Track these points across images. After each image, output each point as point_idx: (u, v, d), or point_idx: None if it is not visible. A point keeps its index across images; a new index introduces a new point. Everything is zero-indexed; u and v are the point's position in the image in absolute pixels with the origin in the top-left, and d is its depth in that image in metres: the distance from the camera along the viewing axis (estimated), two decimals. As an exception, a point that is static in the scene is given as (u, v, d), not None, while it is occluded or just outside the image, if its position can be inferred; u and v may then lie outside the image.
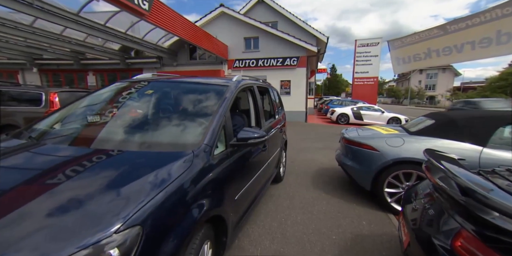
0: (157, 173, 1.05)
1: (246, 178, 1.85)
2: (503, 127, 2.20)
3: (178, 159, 1.17)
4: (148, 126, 1.65)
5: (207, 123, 1.49)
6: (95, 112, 1.81)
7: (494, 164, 2.07)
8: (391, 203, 2.55)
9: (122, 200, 0.88)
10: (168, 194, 0.97)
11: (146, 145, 1.37)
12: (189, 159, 1.20)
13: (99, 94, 1.99)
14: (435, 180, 1.22)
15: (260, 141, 1.60)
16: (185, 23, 8.16)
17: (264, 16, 13.38)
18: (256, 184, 2.13)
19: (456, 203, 0.98)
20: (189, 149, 1.27)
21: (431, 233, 1.02)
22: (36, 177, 1.02)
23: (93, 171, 1.07)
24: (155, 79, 2.09)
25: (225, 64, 12.81)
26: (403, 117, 10.75)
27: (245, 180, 1.82)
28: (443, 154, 1.58)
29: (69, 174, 1.02)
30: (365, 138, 2.80)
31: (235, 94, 1.86)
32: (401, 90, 50.90)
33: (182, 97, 1.89)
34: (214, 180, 1.32)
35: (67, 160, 1.17)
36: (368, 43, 14.29)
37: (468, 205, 0.88)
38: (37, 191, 0.91)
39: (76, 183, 0.97)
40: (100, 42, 8.87)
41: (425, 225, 1.18)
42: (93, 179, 1.00)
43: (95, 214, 0.81)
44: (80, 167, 1.08)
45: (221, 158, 1.47)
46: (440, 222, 1.04)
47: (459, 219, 0.93)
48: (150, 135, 1.52)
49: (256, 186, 2.15)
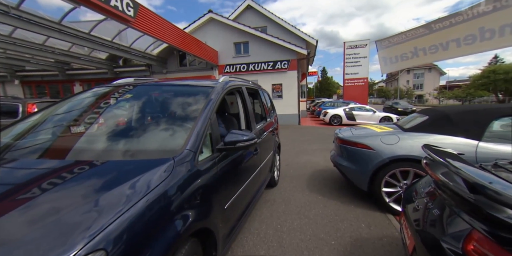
0: (130, 186, 0.92)
1: (237, 184, 1.73)
2: (496, 120, 2.16)
3: (156, 168, 1.05)
4: (128, 133, 1.51)
5: (190, 127, 1.38)
6: (70, 121, 1.66)
7: (491, 158, 2.00)
8: (389, 203, 2.46)
9: (86, 220, 0.74)
10: (141, 209, 0.84)
11: (125, 154, 1.24)
12: (169, 167, 1.07)
13: (75, 101, 1.85)
14: (437, 176, 1.13)
15: (249, 144, 1.49)
16: (174, 30, 8.09)
17: (253, 22, 13.49)
18: (249, 191, 2.00)
19: (463, 201, 0.89)
20: (170, 156, 1.15)
21: (439, 235, 0.93)
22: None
23: (61, 186, 0.93)
24: (136, 83, 1.96)
25: (216, 69, 12.77)
26: (395, 116, 10.86)
27: (236, 187, 1.70)
28: (443, 150, 1.50)
29: (34, 191, 0.89)
30: (359, 137, 2.73)
31: (222, 96, 1.76)
32: (390, 90, 51.98)
33: (164, 101, 1.77)
34: (199, 188, 1.20)
35: (34, 175, 1.03)
36: (356, 45, 14.56)
37: (478, 203, 0.79)
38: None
39: (38, 201, 0.83)
40: (86, 51, 8.70)
41: (430, 227, 1.08)
42: (57, 195, 0.87)
43: (51, 237, 0.68)
44: (47, 182, 0.95)
45: (207, 164, 1.35)
46: (447, 222, 0.95)
47: (468, 218, 0.83)
48: (130, 143, 1.39)
49: (249, 193, 2.03)
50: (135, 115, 1.67)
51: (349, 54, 14.69)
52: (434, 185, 1.28)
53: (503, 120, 2.15)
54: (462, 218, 0.86)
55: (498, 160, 2.03)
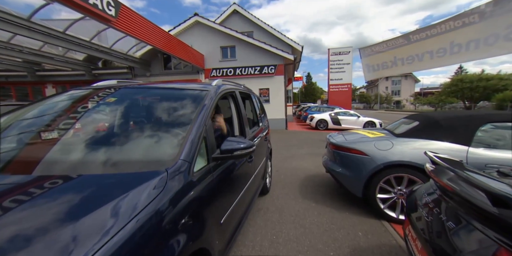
0: (113, 208, 0.76)
1: (233, 195, 1.60)
2: (483, 126, 2.23)
3: (145, 183, 0.90)
4: (111, 141, 1.32)
5: (184, 135, 1.24)
6: (40, 127, 1.44)
7: (480, 163, 2.07)
8: (384, 210, 2.44)
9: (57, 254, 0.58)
10: (126, 237, 0.69)
11: (108, 166, 1.07)
12: (160, 181, 0.93)
13: (47, 104, 1.63)
14: (451, 186, 1.09)
15: (247, 152, 1.38)
16: (158, 31, 7.83)
17: (239, 26, 13.51)
18: (244, 201, 1.88)
19: (485, 215, 0.84)
20: (162, 168, 1.00)
21: (457, 252, 0.86)
22: None
23: (24, 210, 0.75)
24: (119, 86, 1.77)
25: (202, 73, 12.55)
26: (377, 121, 11.26)
27: (232, 198, 1.57)
28: (445, 157, 1.49)
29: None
30: (353, 143, 2.71)
31: (216, 100, 1.64)
32: (371, 96, 54.48)
33: (153, 106, 1.59)
34: (194, 204, 1.06)
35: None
36: (340, 52, 15.07)
37: (507, 219, 0.74)
38: None
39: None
40: (61, 51, 8.11)
41: (445, 241, 1.02)
42: (20, 222, 0.69)
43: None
44: (8, 204, 0.76)
45: (203, 175, 1.21)
46: (466, 237, 0.89)
47: (493, 235, 0.78)
48: (113, 153, 1.20)
49: (244, 203, 1.90)
50: (120, 121, 1.48)
51: (333, 60, 15.16)
52: (442, 194, 1.24)
53: (489, 126, 2.22)
54: (485, 234, 0.81)
55: (488, 165, 2.09)
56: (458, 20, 8.56)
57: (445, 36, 8.91)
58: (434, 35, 9.23)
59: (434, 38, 9.22)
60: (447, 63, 9.28)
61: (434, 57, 9.35)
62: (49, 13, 14.85)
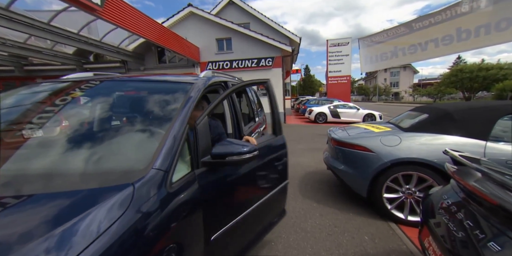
0: (59, 238, 0.56)
1: (232, 211, 1.31)
2: (502, 119, 2.03)
3: (103, 202, 0.68)
4: (69, 148, 1.07)
5: (161, 136, 1.02)
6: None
7: (500, 160, 1.88)
8: (391, 210, 2.27)
9: None
10: None
11: (60, 181, 0.85)
12: (124, 199, 0.71)
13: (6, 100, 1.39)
14: (484, 193, 0.92)
15: (244, 159, 1.11)
16: (150, 23, 7.46)
17: (235, 17, 13.04)
18: (250, 221, 1.46)
19: None
20: (128, 181, 0.79)
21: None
22: None
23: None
24: (94, 78, 1.52)
25: (198, 66, 12.20)
26: (377, 113, 11.06)
27: (232, 212, 1.30)
28: (469, 156, 1.29)
29: None
30: (356, 138, 2.51)
31: (202, 93, 1.41)
32: (369, 87, 54.07)
33: (127, 102, 1.35)
34: (172, 220, 0.86)
35: None
36: (339, 43, 14.67)
37: None
38: None
39: None
40: (49, 44, 7.74)
41: (474, 253, 0.85)
42: None
43: None
44: None
45: (185, 184, 1.00)
46: (503, 252, 0.71)
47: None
48: (70, 163, 0.98)
49: (250, 224, 1.49)
50: (85, 121, 1.23)
51: (332, 52, 14.78)
52: (469, 199, 1.06)
53: (509, 118, 2.02)
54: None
55: (508, 162, 1.90)
56: (465, 5, 8.20)
57: (451, 23, 8.58)
58: (438, 22, 8.90)
59: (439, 25, 8.89)
60: (454, 51, 8.97)
61: (440, 45, 9.05)
62: (36, 5, 13.94)
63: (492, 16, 7.46)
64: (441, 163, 2.03)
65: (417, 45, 9.62)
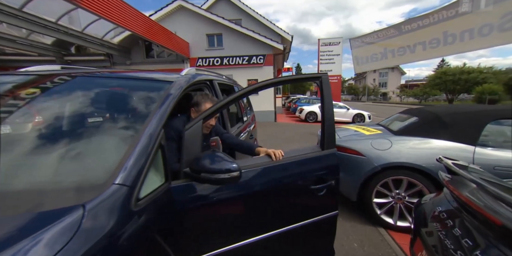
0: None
1: (226, 238, 1.09)
2: (491, 123, 2.01)
3: (35, 237, 0.53)
4: (13, 160, 0.84)
5: (128, 144, 0.87)
6: None
7: (488, 165, 1.86)
8: (380, 215, 2.23)
9: None
10: None
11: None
12: (66, 229, 0.56)
13: None
14: (480, 207, 0.89)
15: (223, 178, 0.92)
16: (136, 15, 7.10)
17: (227, 13, 12.73)
18: None
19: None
20: (78, 201, 0.65)
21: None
22: None
23: None
24: (55, 73, 1.33)
25: (187, 62, 11.86)
26: (366, 113, 11.22)
27: (222, 242, 1.07)
28: (464, 164, 1.24)
29: None
30: (347, 141, 2.44)
31: (183, 93, 1.26)
32: (359, 87, 55.14)
33: (92, 102, 1.17)
34: (137, 243, 0.72)
35: None
36: (330, 42, 14.71)
37: None
38: None
39: None
40: (24, 33, 7.18)
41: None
42: None
43: None
44: None
45: (156, 200, 0.85)
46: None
47: None
48: (9, 178, 0.77)
49: None
50: (39, 125, 1.04)
51: (323, 51, 14.81)
52: (464, 211, 1.00)
53: (498, 123, 2.01)
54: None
55: (496, 167, 1.89)
56: (451, 10, 8.43)
57: (438, 26, 8.81)
58: (426, 25, 9.12)
59: (426, 29, 9.11)
60: (441, 55, 9.23)
61: (427, 48, 9.28)
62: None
63: (475, 22, 7.72)
64: (430, 168, 2.00)
65: (406, 48, 9.81)
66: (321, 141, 1.30)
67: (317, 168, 1.25)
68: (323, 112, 1.28)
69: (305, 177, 1.23)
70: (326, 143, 1.27)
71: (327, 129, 1.27)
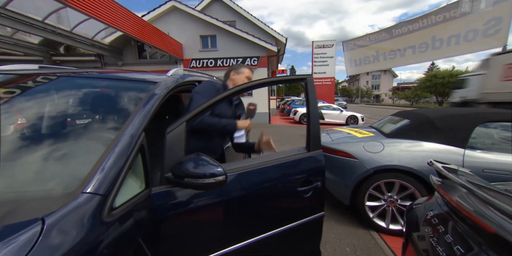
0: None
1: (211, 246, 1.03)
2: (479, 126, 2.03)
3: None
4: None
5: (105, 146, 0.81)
6: None
7: (478, 168, 1.86)
8: (373, 219, 2.21)
9: None
10: None
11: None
12: (18, 248, 0.49)
13: None
14: (470, 213, 0.88)
15: (207, 184, 0.86)
16: (127, 15, 6.99)
17: (221, 15, 12.71)
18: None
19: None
20: (38, 213, 0.58)
21: None
22: None
23: None
24: (32, 73, 1.25)
25: (181, 64, 11.75)
26: (359, 115, 11.33)
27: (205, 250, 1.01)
28: (455, 168, 1.22)
29: None
30: (339, 144, 2.42)
31: (168, 94, 1.20)
32: (352, 89, 55.90)
33: (68, 103, 1.10)
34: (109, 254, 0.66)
35: None
36: (324, 45, 14.84)
37: None
38: None
39: None
40: (9, 32, 6.96)
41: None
42: None
43: None
44: None
45: (134, 208, 0.79)
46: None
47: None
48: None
49: None
50: (7, 128, 0.98)
51: (317, 53, 14.92)
52: (455, 217, 0.98)
53: (486, 125, 2.02)
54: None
55: (485, 170, 1.90)
56: (439, 14, 8.68)
57: (427, 31, 9.07)
58: (416, 29, 9.36)
59: (416, 33, 9.37)
60: (429, 59, 9.51)
61: (417, 52, 9.54)
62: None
63: (462, 27, 8.00)
64: (422, 171, 1.99)
65: (396, 51, 10.04)
66: (306, 143, 1.28)
67: (304, 170, 1.23)
68: (308, 113, 1.26)
69: (292, 179, 1.21)
70: (312, 144, 1.25)
71: (312, 130, 1.25)
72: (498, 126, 2.04)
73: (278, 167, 1.17)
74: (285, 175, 1.20)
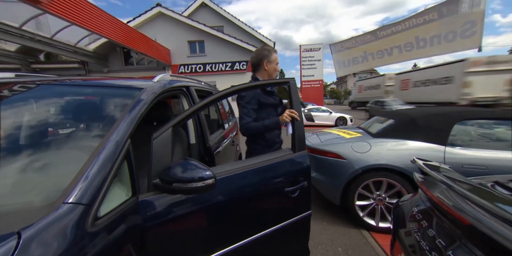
0: None
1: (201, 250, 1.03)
2: (458, 124, 2.13)
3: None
4: None
5: (88, 154, 0.79)
6: None
7: (457, 163, 1.95)
8: (363, 218, 2.25)
9: None
10: None
11: None
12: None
13: None
14: (452, 210, 0.90)
15: (195, 188, 0.86)
16: (111, 21, 6.89)
17: (208, 20, 12.79)
18: None
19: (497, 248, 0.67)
20: (14, 227, 0.56)
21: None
22: None
23: None
24: (8, 81, 1.20)
25: (169, 69, 11.66)
26: (348, 116, 11.58)
27: None
28: (436, 165, 1.27)
29: None
30: (328, 145, 2.47)
31: (155, 99, 1.18)
32: (341, 91, 57.15)
33: (48, 112, 1.08)
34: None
35: None
36: (311, 48, 15.20)
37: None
38: None
39: None
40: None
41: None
42: None
43: None
44: None
45: (120, 217, 0.77)
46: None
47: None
48: None
49: None
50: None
51: (305, 57, 15.25)
52: (438, 212, 1.02)
53: (464, 123, 2.13)
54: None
55: (464, 165, 1.99)
56: (419, 17, 9.20)
57: (410, 32, 9.60)
58: (400, 31, 9.87)
59: (400, 34, 9.87)
60: (415, 57, 10.06)
61: (403, 51, 10.03)
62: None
63: (441, 28, 8.54)
64: (406, 169, 2.06)
65: (383, 51, 10.47)
66: (292, 144, 1.30)
67: (290, 171, 1.26)
68: None
69: (279, 180, 1.23)
70: (297, 145, 1.29)
71: (297, 131, 1.29)
72: (475, 123, 2.15)
73: (266, 168, 1.19)
74: (273, 177, 1.22)
